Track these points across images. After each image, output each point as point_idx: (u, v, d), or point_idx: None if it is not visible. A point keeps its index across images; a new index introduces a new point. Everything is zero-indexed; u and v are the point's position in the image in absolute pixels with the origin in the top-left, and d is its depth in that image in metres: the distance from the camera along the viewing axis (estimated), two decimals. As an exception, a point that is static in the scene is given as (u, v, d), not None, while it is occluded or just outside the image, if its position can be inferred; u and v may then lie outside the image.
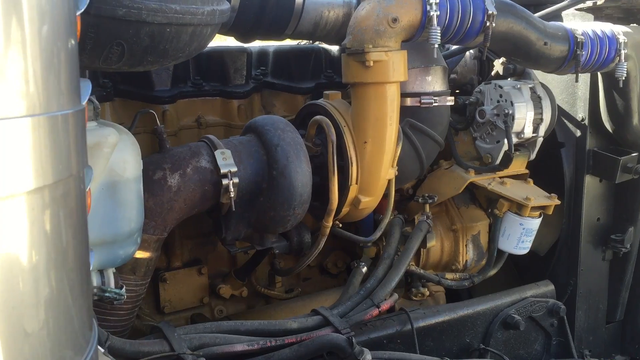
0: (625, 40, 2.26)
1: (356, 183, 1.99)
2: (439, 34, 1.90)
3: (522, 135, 2.33)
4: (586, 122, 2.52)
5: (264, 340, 1.85)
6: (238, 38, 2.07)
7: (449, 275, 2.40)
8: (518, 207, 2.33)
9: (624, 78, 2.28)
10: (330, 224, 2.00)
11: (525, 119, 2.31)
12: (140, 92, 2.19)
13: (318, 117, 1.99)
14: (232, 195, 1.82)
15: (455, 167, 2.42)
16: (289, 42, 2.47)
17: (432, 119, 2.16)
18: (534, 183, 2.45)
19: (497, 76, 2.56)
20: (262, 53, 2.50)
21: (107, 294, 1.41)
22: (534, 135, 2.37)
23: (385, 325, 2.19)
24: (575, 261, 2.63)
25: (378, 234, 2.14)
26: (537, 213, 2.36)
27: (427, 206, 2.35)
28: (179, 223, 1.87)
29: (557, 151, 2.61)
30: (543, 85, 2.42)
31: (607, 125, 2.50)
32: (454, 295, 2.78)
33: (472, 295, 2.70)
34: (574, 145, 2.58)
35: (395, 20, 1.88)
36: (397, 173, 2.06)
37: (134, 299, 1.80)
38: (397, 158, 2.05)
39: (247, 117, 2.34)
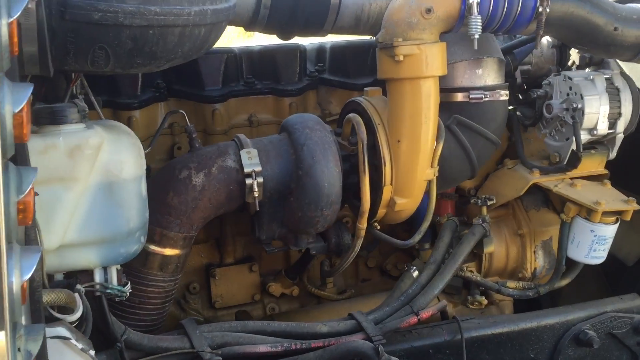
0: None
1: (390, 184, 1.89)
2: (480, 24, 1.76)
3: (595, 132, 2.10)
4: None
5: (290, 342, 1.82)
6: (278, 36, 2.05)
7: (511, 284, 2.23)
8: (588, 212, 2.09)
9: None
10: (363, 225, 1.92)
11: (598, 114, 2.08)
12: (192, 92, 2.24)
13: (350, 114, 1.92)
14: (257, 195, 1.80)
15: (519, 166, 2.23)
16: (346, 37, 2.40)
17: (483, 115, 2.00)
18: (621, 185, 2.19)
19: (575, 66, 2.32)
20: (320, 49, 2.45)
21: (109, 290, 1.45)
22: (611, 131, 2.12)
23: (433, 333, 2.07)
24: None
25: (417, 237, 2.02)
26: (613, 219, 2.11)
27: (484, 208, 2.19)
28: (208, 221, 1.88)
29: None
30: (624, 75, 2.15)
31: None
32: (533, 306, 2.57)
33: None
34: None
35: (429, 10, 1.76)
36: (437, 173, 1.93)
37: (163, 294, 1.84)
38: (437, 158, 1.92)
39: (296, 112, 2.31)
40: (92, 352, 1.28)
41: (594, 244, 2.13)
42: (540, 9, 1.79)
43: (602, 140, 2.17)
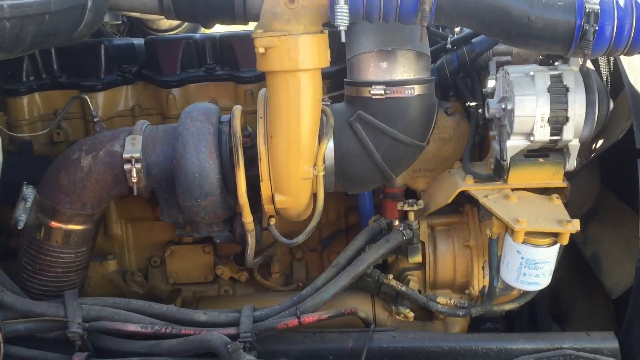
0: None
1: (269, 180, 1.82)
2: (346, 15, 1.60)
3: (532, 139, 1.79)
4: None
5: (163, 326, 1.87)
6: (200, 24, 2.06)
7: (441, 300, 2.01)
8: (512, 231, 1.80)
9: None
10: (247, 219, 1.88)
11: (534, 117, 1.76)
12: (153, 77, 2.35)
13: (236, 106, 1.88)
14: (135, 181, 1.87)
15: (459, 170, 1.99)
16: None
17: (388, 113, 1.83)
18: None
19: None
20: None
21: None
22: (555, 138, 1.79)
23: (338, 339, 1.97)
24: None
25: (301, 238, 1.92)
26: (546, 240, 1.79)
27: (412, 213, 2.00)
28: (106, 202, 1.99)
29: (632, 162, 1.91)
30: (585, 72, 1.79)
31: None
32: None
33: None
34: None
35: (292, 0, 1.65)
36: (322, 172, 1.81)
37: (63, 264, 2.00)
38: (321, 156, 1.80)
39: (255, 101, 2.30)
40: None
41: (522, 267, 1.83)
42: (423, -4, 1.57)
43: (553, 147, 1.84)
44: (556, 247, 1.80)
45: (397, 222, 2.01)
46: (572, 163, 1.85)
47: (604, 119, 1.81)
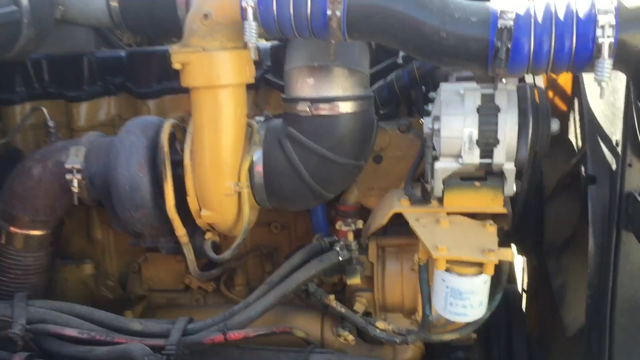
0: (611, 22, 1.40)
1: (194, 195, 1.83)
2: (254, 31, 1.59)
3: (461, 160, 1.68)
4: (619, 148, 1.64)
5: (99, 333, 1.93)
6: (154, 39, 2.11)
7: (380, 324, 1.94)
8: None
9: (606, 83, 1.42)
10: (180, 232, 1.90)
11: (461, 138, 1.66)
12: (132, 88, 2.43)
13: (168, 119, 1.90)
14: (75, 191, 1.94)
15: (399, 191, 1.91)
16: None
17: (315, 130, 1.79)
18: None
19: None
20: (271, 49, 2.39)
21: None
22: (487, 161, 1.68)
23: (273, 356, 1.95)
24: (604, 353, 1.75)
25: (227, 254, 1.91)
26: (472, 270, 1.68)
27: (350, 234, 1.95)
28: (61, 209, 2.08)
29: (583, 190, 1.77)
30: (523, 91, 1.67)
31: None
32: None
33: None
34: (609, 183, 1.70)
35: (206, 16, 1.65)
36: (245, 188, 1.80)
37: (22, 267, 2.10)
38: (243, 172, 1.79)
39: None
40: None
41: (447, 296, 1.72)
42: (330, 12, 1.53)
43: (489, 170, 1.73)
44: (482, 278, 1.68)
45: (341, 242, 1.95)
46: (510, 188, 1.73)
47: (545, 141, 1.68)
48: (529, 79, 1.83)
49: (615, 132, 1.66)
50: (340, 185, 1.92)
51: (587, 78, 1.84)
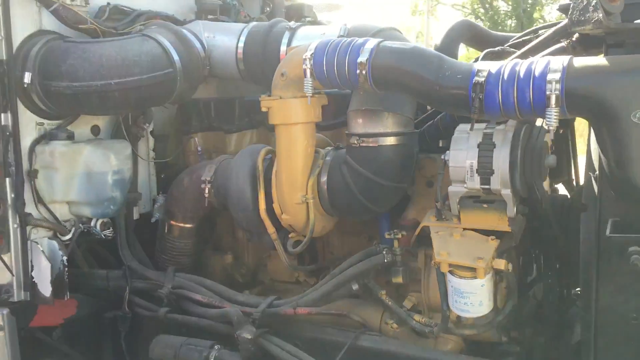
0: (555, 79, 1.78)
1: (277, 202, 2.48)
2: (310, 85, 2.22)
3: (465, 186, 2.11)
4: (593, 178, 1.95)
5: (214, 299, 2.67)
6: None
7: (417, 317, 2.39)
8: (443, 261, 2.14)
9: (553, 128, 1.80)
10: (270, 230, 2.56)
11: (464, 167, 2.10)
12: (266, 124, 3.18)
13: (264, 148, 2.59)
14: (207, 196, 2.71)
15: (433, 209, 2.35)
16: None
17: (364, 158, 2.35)
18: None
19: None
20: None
21: (93, 231, 2.71)
22: (486, 187, 2.08)
23: (332, 333, 2.51)
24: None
25: (298, 249, 2.50)
26: (469, 274, 2.09)
27: (395, 242, 2.43)
28: (202, 211, 2.87)
29: (577, 216, 2.07)
30: (518, 132, 2.05)
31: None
32: None
33: None
34: (597, 211, 2.00)
35: (283, 74, 2.32)
36: (311, 200, 2.40)
37: (175, 250, 2.94)
38: (309, 188, 2.40)
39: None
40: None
41: (453, 294, 2.15)
42: (358, 71, 2.10)
43: (491, 195, 2.12)
44: (478, 282, 2.08)
45: (387, 248, 2.45)
46: (511, 211, 2.10)
47: (536, 173, 2.03)
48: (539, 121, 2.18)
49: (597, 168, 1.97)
50: (385, 201, 2.42)
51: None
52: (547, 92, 1.80)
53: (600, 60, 1.82)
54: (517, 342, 2.47)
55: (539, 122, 2.17)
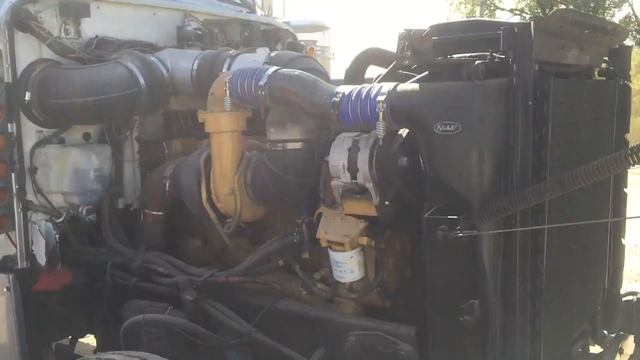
0: (382, 100, 2.40)
1: (215, 193, 3.16)
2: (229, 102, 2.90)
3: (341, 180, 2.73)
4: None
5: (172, 271, 3.36)
6: None
7: (319, 285, 3.01)
8: (325, 238, 2.77)
9: (381, 136, 2.42)
10: (212, 216, 3.23)
11: (339, 166, 2.71)
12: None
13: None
14: (167, 188, 3.42)
15: (330, 199, 2.97)
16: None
17: (276, 159, 2.99)
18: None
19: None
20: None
21: (80, 216, 3.45)
22: (355, 181, 2.69)
23: (256, 298, 3.16)
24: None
25: (225, 230, 3.16)
26: (340, 248, 2.70)
27: (304, 225, 3.05)
28: (168, 202, 3.57)
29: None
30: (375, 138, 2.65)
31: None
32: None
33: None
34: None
35: (212, 94, 3.00)
36: (236, 192, 3.06)
37: (148, 233, 3.65)
38: (236, 182, 3.05)
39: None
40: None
41: (333, 265, 2.77)
42: (259, 92, 2.76)
43: (362, 187, 2.73)
44: (348, 254, 2.70)
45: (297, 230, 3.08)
46: (375, 200, 2.70)
47: (389, 172, 2.63)
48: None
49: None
50: (293, 194, 3.03)
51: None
52: (377, 110, 2.40)
53: (415, 85, 2.42)
54: (405, 309, 3.05)
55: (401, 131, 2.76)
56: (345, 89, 2.57)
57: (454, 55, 2.48)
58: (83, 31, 3.54)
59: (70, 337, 4.01)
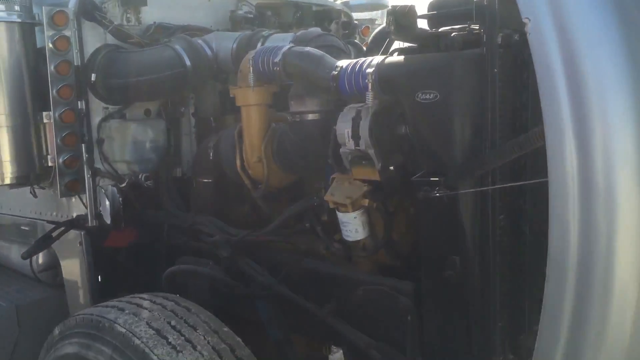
0: (371, 71, 2.64)
1: (246, 161, 3.51)
2: (252, 78, 3.23)
3: (346, 147, 2.98)
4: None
5: (215, 231, 3.77)
6: None
7: (337, 244, 3.29)
8: (334, 200, 3.04)
9: (371, 105, 2.67)
10: (247, 182, 3.59)
11: (344, 133, 2.97)
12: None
13: None
14: (210, 157, 3.82)
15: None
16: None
17: (296, 129, 3.30)
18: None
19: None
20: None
21: (139, 182, 3.94)
22: (359, 147, 2.94)
23: (283, 255, 3.51)
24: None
25: (257, 194, 3.49)
26: (344, 208, 2.97)
27: (322, 190, 3.33)
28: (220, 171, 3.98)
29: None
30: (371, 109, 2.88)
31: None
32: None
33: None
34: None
35: (240, 71, 3.35)
36: (263, 159, 3.39)
37: (203, 198, 4.09)
38: (263, 150, 3.39)
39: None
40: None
41: (340, 224, 3.04)
42: (274, 68, 3.07)
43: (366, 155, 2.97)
44: (351, 214, 2.96)
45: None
46: (377, 165, 2.93)
47: (388, 139, 2.86)
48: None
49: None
50: (312, 160, 3.32)
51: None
52: (366, 80, 2.64)
53: (400, 58, 2.62)
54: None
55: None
56: (344, 62, 2.82)
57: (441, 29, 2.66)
58: (143, 18, 4.00)
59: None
